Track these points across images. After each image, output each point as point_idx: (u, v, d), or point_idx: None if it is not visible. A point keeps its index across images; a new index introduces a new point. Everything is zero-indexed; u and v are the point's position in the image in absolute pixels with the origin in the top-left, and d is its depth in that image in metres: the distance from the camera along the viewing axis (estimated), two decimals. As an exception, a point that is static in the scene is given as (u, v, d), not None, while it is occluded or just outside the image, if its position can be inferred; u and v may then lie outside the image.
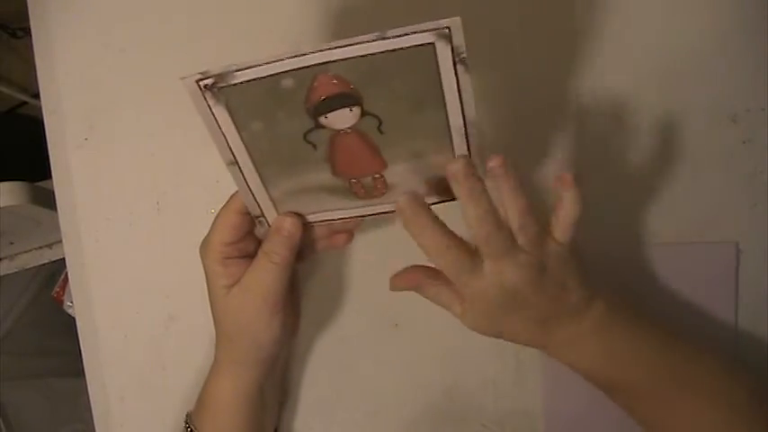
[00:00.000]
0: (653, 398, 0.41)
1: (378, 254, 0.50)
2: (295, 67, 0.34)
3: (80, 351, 0.52)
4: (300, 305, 0.48)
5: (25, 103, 1.21)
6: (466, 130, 0.37)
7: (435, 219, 0.39)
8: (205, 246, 0.43)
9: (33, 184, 0.71)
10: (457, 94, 0.36)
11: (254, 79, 0.34)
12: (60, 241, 0.53)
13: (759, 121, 0.48)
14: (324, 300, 0.51)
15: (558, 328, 0.41)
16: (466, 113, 0.37)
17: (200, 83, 0.35)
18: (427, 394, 0.50)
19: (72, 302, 0.89)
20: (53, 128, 0.53)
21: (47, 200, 0.70)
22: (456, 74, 0.35)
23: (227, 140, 0.37)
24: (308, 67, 0.34)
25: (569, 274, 0.40)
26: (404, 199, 0.39)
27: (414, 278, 0.44)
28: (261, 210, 0.41)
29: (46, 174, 0.54)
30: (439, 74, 0.35)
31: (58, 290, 1.04)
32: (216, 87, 0.35)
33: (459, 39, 0.33)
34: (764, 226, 0.48)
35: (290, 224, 0.41)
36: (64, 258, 0.53)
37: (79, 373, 0.52)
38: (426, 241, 0.39)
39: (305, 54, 0.34)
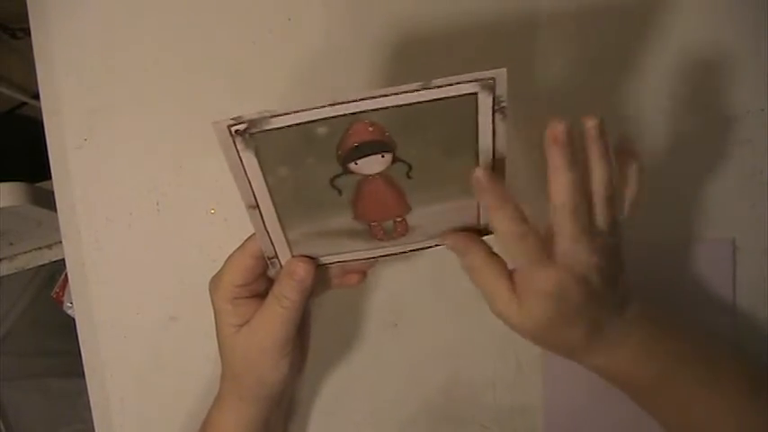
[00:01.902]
0: (687, 399, 0.40)
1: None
2: (333, 114, 0.33)
3: (80, 351, 0.52)
4: (310, 340, 0.46)
5: (25, 103, 1.20)
6: (494, 170, 0.37)
7: (512, 196, 0.36)
8: (215, 284, 0.42)
9: (33, 184, 0.71)
10: (491, 141, 0.35)
11: (288, 126, 0.33)
12: (60, 242, 0.53)
13: (759, 121, 0.49)
14: (323, 299, 0.51)
15: (603, 327, 0.39)
16: (496, 160, 0.36)
17: (232, 128, 0.33)
18: (426, 394, 0.50)
19: (72, 303, 0.89)
20: (53, 128, 0.53)
21: (47, 200, 0.70)
22: (493, 122, 0.34)
23: (250, 185, 0.36)
24: (345, 115, 0.33)
25: (622, 258, 0.38)
26: (480, 170, 0.36)
27: (468, 241, 0.40)
28: (275, 251, 0.40)
29: (46, 174, 0.54)
30: (476, 123, 0.34)
31: (57, 290, 1.04)
32: (248, 133, 0.34)
33: (501, 89, 0.33)
34: (764, 226, 0.48)
35: (302, 270, 0.40)
36: (64, 259, 0.53)
37: (79, 373, 0.52)
38: (505, 217, 0.36)
39: (345, 102, 0.33)
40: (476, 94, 0.33)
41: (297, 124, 0.33)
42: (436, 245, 0.41)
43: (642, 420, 0.44)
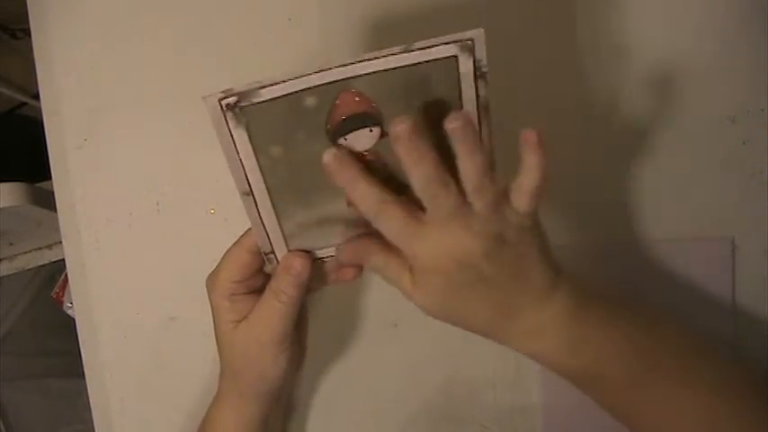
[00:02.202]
0: (626, 386, 0.39)
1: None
2: (320, 83, 0.34)
3: (80, 351, 0.52)
4: (307, 337, 0.47)
5: (25, 103, 1.20)
6: (481, 141, 0.36)
7: (366, 172, 0.36)
8: (212, 281, 0.42)
9: (33, 184, 0.71)
10: (476, 111, 0.35)
11: (277, 97, 0.34)
12: (60, 242, 0.53)
13: (759, 121, 0.49)
14: (323, 299, 0.51)
15: (520, 314, 0.38)
16: (482, 130, 0.36)
17: (223, 102, 0.34)
18: (426, 394, 0.50)
19: (72, 303, 0.89)
20: (53, 128, 0.53)
21: (47, 200, 0.70)
22: (476, 89, 0.35)
23: (243, 168, 0.37)
24: (332, 83, 0.34)
25: (532, 251, 0.37)
26: (327, 154, 0.36)
27: (361, 248, 0.40)
28: (271, 245, 0.40)
29: (46, 174, 0.54)
30: (460, 90, 0.35)
31: (57, 290, 1.04)
32: (238, 107, 0.34)
33: (481, 52, 0.33)
34: (764, 225, 0.48)
35: (299, 264, 0.40)
36: (64, 259, 0.53)
37: (79, 373, 0.52)
38: (359, 196, 0.36)
39: (331, 69, 0.33)
40: (456, 56, 0.33)
41: (286, 95, 0.34)
42: None
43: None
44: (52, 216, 0.65)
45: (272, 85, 0.33)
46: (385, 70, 0.33)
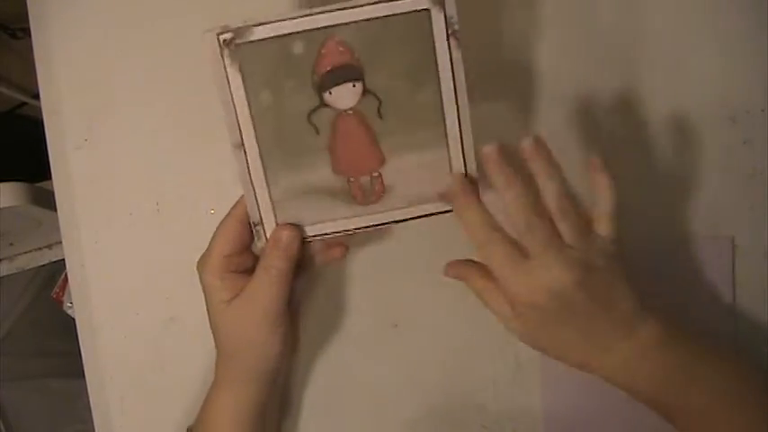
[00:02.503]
0: (712, 421, 0.39)
1: (377, 253, 0.50)
2: (306, 28, 0.36)
3: (80, 352, 0.52)
4: (300, 321, 0.47)
5: (25, 103, 1.20)
6: (458, 109, 0.38)
7: (483, 203, 0.39)
8: (203, 260, 0.43)
9: (33, 184, 0.71)
10: (450, 71, 0.37)
11: (268, 38, 0.37)
12: (60, 242, 0.53)
13: (759, 121, 0.49)
14: (323, 299, 0.51)
15: (610, 345, 0.39)
16: (458, 92, 0.38)
17: (220, 37, 0.37)
18: (427, 395, 0.50)
19: (72, 303, 0.89)
20: (53, 128, 0.53)
21: (47, 200, 0.70)
22: (449, 48, 0.37)
23: (236, 114, 0.39)
24: (318, 29, 0.36)
25: (618, 278, 0.39)
26: (453, 176, 0.39)
27: (465, 269, 0.43)
28: (260, 214, 0.41)
29: (46, 174, 0.54)
30: (434, 48, 0.37)
31: (57, 290, 1.04)
32: (234, 44, 0.37)
33: (451, 8, 0.36)
34: (764, 225, 0.48)
35: (287, 236, 0.41)
36: (64, 259, 0.53)
37: (79, 373, 0.52)
38: (472, 222, 0.39)
39: (316, 14, 0.36)
40: (428, 10, 0.36)
41: (276, 36, 0.37)
42: (413, 217, 0.42)
43: (641, 419, 0.44)
44: (52, 216, 0.65)
45: (264, 23, 0.37)
46: (367, 20, 0.36)
